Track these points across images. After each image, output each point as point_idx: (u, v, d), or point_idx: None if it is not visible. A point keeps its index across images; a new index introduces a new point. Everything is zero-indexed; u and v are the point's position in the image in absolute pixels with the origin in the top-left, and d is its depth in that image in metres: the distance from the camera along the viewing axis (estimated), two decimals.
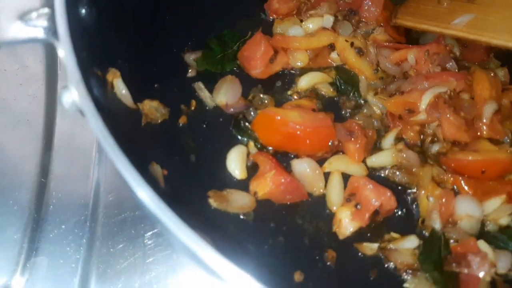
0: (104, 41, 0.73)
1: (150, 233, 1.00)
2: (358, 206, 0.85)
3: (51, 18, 0.63)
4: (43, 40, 0.62)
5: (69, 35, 0.59)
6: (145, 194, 0.57)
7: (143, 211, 1.02)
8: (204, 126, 0.96)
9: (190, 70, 1.01)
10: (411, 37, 1.11)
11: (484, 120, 0.92)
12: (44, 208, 1.03)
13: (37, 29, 0.63)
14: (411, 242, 0.83)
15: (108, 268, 0.96)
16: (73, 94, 0.59)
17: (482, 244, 0.80)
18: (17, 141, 1.10)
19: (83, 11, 0.69)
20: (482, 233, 0.85)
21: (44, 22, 0.64)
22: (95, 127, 0.55)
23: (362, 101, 1.03)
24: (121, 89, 0.76)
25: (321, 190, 0.91)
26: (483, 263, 0.76)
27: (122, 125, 0.68)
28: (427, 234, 0.86)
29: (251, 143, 0.95)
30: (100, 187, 1.05)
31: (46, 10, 0.64)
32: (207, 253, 0.54)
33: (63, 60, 0.61)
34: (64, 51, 0.58)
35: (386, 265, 0.82)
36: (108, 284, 0.95)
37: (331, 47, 1.07)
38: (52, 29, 0.61)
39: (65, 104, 0.60)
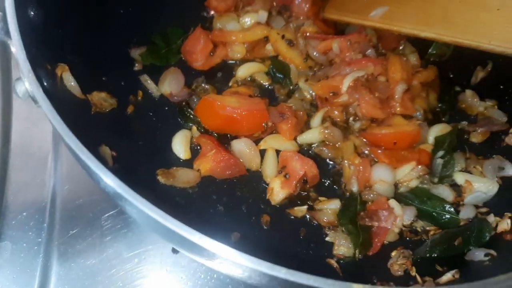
0: (52, 39, 0.82)
1: (107, 215, 1.08)
2: (287, 176, 0.97)
3: (3, 19, 0.72)
4: None
5: (19, 34, 0.68)
6: (98, 169, 0.66)
7: (98, 194, 1.11)
8: (151, 114, 1.06)
9: (136, 64, 1.11)
10: (338, 29, 1.25)
11: (396, 98, 1.07)
12: (5, 197, 1.10)
13: None
14: (335, 204, 0.96)
15: (69, 248, 1.04)
16: (26, 84, 0.68)
17: (392, 202, 0.95)
18: None
19: (32, 12, 0.77)
20: (395, 194, 0.99)
21: None
22: (47, 111, 0.64)
23: (294, 87, 1.15)
24: (69, 81, 0.85)
25: (258, 166, 1.03)
26: (390, 217, 0.91)
27: (72, 112, 0.77)
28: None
29: (194, 128, 1.05)
30: (58, 176, 1.13)
31: None
32: (158, 215, 0.64)
33: (15, 55, 0.70)
34: (15, 48, 0.67)
35: (313, 223, 0.95)
36: (69, 262, 1.03)
37: (267, 39, 1.19)
38: (4, 29, 0.70)
39: (19, 93, 0.69)
